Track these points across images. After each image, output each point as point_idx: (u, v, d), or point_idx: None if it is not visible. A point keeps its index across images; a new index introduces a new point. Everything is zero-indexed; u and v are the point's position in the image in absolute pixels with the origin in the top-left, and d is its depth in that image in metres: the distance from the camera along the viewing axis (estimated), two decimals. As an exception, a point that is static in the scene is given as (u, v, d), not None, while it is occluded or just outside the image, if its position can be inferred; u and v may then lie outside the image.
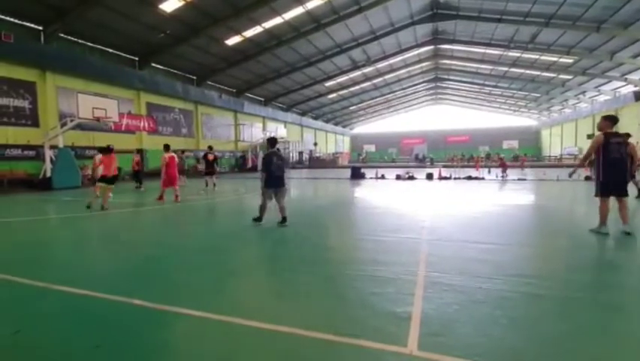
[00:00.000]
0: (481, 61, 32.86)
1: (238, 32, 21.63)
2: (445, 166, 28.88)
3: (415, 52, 32.63)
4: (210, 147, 14.96)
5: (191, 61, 24.02)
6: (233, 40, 22.43)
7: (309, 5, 20.56)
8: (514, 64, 31.51)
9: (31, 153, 16.10)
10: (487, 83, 40.14)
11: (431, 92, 50.85)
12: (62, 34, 17.38)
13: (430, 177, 18.16)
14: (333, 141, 56.75)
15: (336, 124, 56.60)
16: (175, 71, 24.95)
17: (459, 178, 17.82)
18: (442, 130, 58.85)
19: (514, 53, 29.13)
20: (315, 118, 48.79)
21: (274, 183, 6.41)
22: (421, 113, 60.61)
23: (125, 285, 3.51)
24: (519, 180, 16.75)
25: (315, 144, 46.78)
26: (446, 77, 42.36)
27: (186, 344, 2.42)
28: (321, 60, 29.30)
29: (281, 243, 5.48)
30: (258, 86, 31.76)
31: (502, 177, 18.00)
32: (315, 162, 40.02)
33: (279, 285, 3.58)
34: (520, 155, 36.00)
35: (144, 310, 2.87)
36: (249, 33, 22.05)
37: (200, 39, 20.93)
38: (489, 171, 22.39)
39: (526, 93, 41.23)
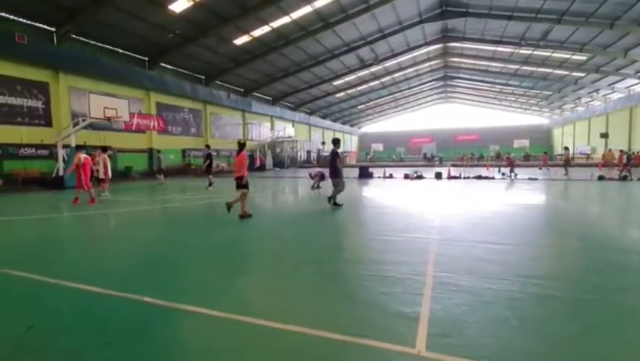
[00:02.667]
0: (492, 59, 32.46)
1: (246, 32, 21.72)
2: (454, 165, 28.63)
3: (424, 50, 32.38)
4: (208, 145, 16.02)
5: (200, 61, 24.20)
6: (241, 40, 22.53)
7: (317, 4, 20.54)
8: (526, 61, 31.05)
9: (45, 152, 16.42)
10: (497, 81, 39.64)
11: (440, 90, 50.43)
12: (74, 35, 17.65)
13: (438, 176, 17.99)
14: (341, 140, 56.59)
15: (344, 123, 56.51)
16: (184, 71, 25.17)
17: (469, 177, 17.64)
18: (451, 129, 58.38)
19: (525, 51, 28.71)
20: (323, 117, 48.78)
21: (329, 174, 8.99)
22: (429, 111, 60.22)
23: (135, 282, 3.56)
24: (529, 179, 16.51)
25: (323, 143, 46.76)
26: (456, 75, 41.95)
27: (195, 342, 2.44)
28: (329, 59, 29.26)
29: (289, 242, 5.49)
30: (265, 85, 31.86)
31: (511, 176, 17.76)
32: (324, 162, 39.98)
33: (286, 284, 3.59)
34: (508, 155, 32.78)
35: (154, 308, 2.91)
36: (257, 33, 22.12)
37: (209, 39, 21.07)
38: (499, 171, 22.10)
39: (538, 91, 40.63)
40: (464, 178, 17.57)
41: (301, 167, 35.77)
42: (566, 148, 21.92)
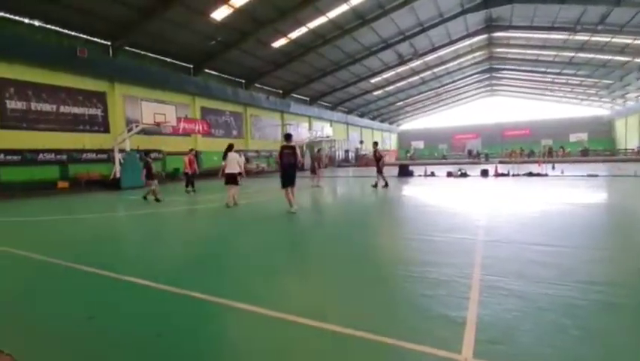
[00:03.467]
0: (543, 47, 30.26)
1: (284, 34, 22.10)
2: (502, 162, 27.09)
3: (467, 42, 30.94)
4: (140, 150, 13.75)
5: (241, 65, 25.00)
6: (279, 43, 22.96)
7: (354, 2, 20.39)
8: (582, 48, 28.55)
9: (104, 156, 17.85)
10: (549, 70, 36.85)
11: (485, 83, 47.96)
12: (127, 47, 19.01)
13: (485, 173, 17.13)
14: (379, 139, 55.83)
15: (382, 121, 55.62)
16: (226, 76, 26.14)
17: (518, 175, 16.60)
18: (497, 123, 55.19)
19: (581, 37, 26.39)
20: (361, 116, 48.35)
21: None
22: (474, 106, 57.42)
23: (184, 278, 3.74)
24: (589, 176, 15.20)
25: (361, 142, 46.38)
26: (502, 66, 39.65)
27: (239, 337, 2.53)
28: (367, 57, 28.93)
29: (327, 241, 5.49)
30: (303, 86, 32.20)
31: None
32: (362, 161, 39.68)
33: (325, 283, 3.58)
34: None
35: (201, 303, 3.04)
36: (294, 34, 22.42)
37: (249, 43, 21.70)
38: (553, 167, 20.58)
39: (597, 80, 37.18)
40: (513, 176, 16.56)
41: (339, 166, 35.78)
42: None
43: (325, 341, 2.37)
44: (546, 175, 16.15)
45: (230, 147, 9.32)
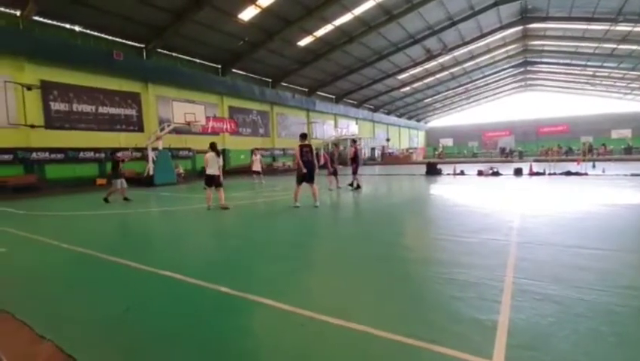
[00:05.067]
0: (582, 39, 28.56)
1: (309, 33, 22.17)
2: (537, 160, 25.92)
3: (499, 35, 29.75)
4: (113, 153, 12.45)
5: (267, 64, 25.34)
6: (305, 41, 23.06)
7: (381, -3, 20.15)
8: (625, 39, 26.72)
9: (138, 154, 18.64)
10: (589, 63, 34.74)
11: (519, 78, 45.96)
12: (159, 49, 19.75)
13: (518, 172, 16.45)
14: (406, 136, 54.89)
15: (409, 118, 54.62)
16: (253, 76, 26.59)
17: (555, 174, 15.81)
18: (532, 120, 52.72)
19: (623, 28, 24.69)
20: (388, 113, 47.72)
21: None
22: (506, 102, 55.14)
23: (213, 273, 3.86)
24: (632, 175, 14.25)
25: (388, 140, 45.77)
26: (538, 60, 37.81)
27: (265, 333, 2.58)
28: (393, 53, 28.49)
29: (354, 239, 5.47)
30: (329, 84, 32.19)
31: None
32: (388, 159, 39.18)
33: (351, 281, 3.58)
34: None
35: (229, 297, 3.13)
36: (320, 32, 22.44)
37: (275, 43, 21.95)
38: (593, 166, 19.45)
39: (641, 73, 34.75)
40: (549, 175, 15.79)
41: (365, 164, 35.45)
42: None
43: (349, 339, 2.37)
44: (586, 174, 15.28)
45: (211, 146, 8.64)
